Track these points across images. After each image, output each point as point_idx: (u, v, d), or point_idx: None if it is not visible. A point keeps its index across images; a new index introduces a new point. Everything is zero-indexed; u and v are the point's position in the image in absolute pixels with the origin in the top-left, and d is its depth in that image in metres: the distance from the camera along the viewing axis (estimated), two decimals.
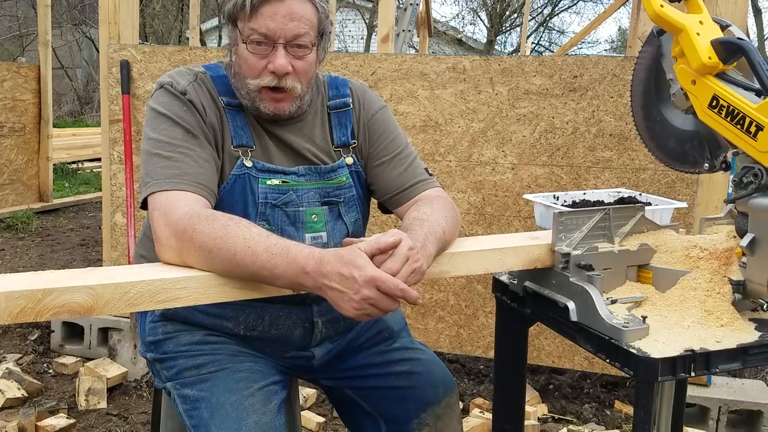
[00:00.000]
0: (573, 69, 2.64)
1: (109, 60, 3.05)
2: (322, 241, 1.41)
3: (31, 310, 0.97)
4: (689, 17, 1.24)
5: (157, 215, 1.22)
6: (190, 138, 1.31)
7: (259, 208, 1.35)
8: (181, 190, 1.24)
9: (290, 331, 1.43)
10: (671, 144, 1.38)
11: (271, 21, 1.29)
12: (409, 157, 1.53)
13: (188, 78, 1.38)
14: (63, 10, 14.20)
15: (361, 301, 1.06)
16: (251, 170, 1.36)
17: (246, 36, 1.32)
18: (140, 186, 1.31)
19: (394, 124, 1.56)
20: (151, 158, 1.29)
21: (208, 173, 1.30)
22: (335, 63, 2.85)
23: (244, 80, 1.35)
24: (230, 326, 1.41)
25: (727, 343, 1.11)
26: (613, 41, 22.01)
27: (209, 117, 1.36)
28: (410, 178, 1.49)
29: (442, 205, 1.41)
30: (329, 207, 1.43)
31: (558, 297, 1.26)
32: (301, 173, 1.41)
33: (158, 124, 1.32)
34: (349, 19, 16.17)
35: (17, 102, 5.70)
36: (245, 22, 1.31)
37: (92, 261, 4.66)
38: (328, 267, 1.07)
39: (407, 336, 1.59)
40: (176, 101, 1.34)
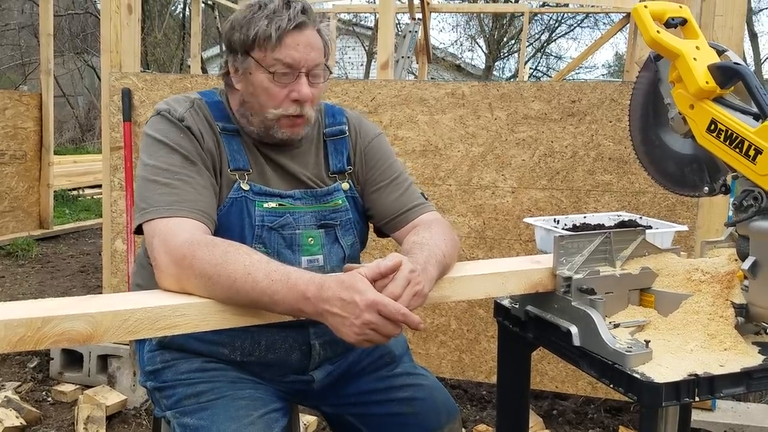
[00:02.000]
0: (571, 94, 2.66)
1: (111, 88, 3.07)
2: (319, 264, 1.41)
3: (31, 338, 0.96)
4: (686, 43, 1.25)
5: (156, 242, 1.21)
6: (189, 165, 1.31)
7: (256, 231, 1.35)
8: (181, 217, 1.24)
9: (287, 354, 1.42)
10: (670, 168, 1.38)
11: (295, 51, 1.32)
12: (405, 182, 1.55)
13: (185, 105, 1.38)
14: (65, 39, 14.36)
15: (362, 325, 1.05)
16: (248, 193, 1.37)
17: (269, 66, 1.33)
18: (135, 211, 1.30)
19: (390, 151, 1.58)
20: (149, 184, 1.29)
21: (207, 200, 1.31)
22: (335, 90, 2.87)
23: (263, 109, 1.36)
24: (226, 353, 1.40)
25: (731, 367, 1.10)
26: (610, 66, 22.20)
27: (207, 143, 1.36)
28: (407, 203, 1.51)
29: (440, 228, 1.41)
30: (326, 230, 1.43)
31: (560, 321, 1.25)
32: (297, 197, 1.42)
33: (155, 151, 1.32)
34: (348, 46, 16.32)
35: (19, 130, 5.73)
36: (267, 52, 1.33)
37: (92, 288, 4.64)
38: (329, 292, 1.07)
39: (409, 361, 1.58)
40: (174, 128, 1.34)
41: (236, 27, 1.35)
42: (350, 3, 10.33)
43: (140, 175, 1.32)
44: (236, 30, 1.35)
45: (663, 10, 1.29)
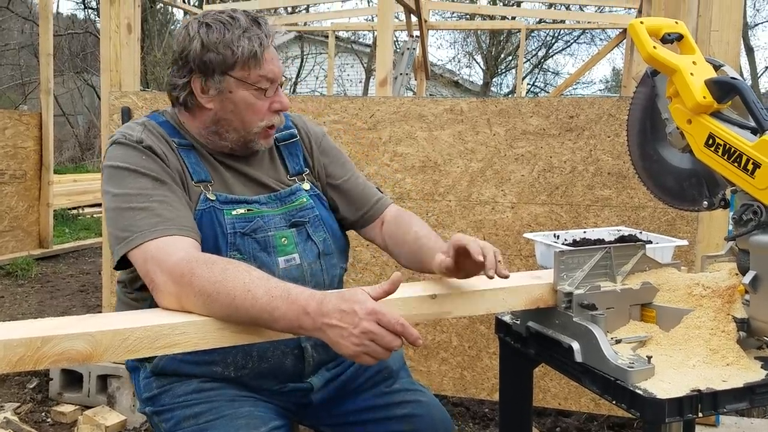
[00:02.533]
0: (569, 109, 2.67)
1: (111, 107, 3.09)
2: (296, 262, 1.42)
3: (30, 358, 0.96)
4: (682, 58, 1.26)
5: (151, 265, 1.20)
6: (159, 185, 1.30)
7: (229, 239, 1.36)
8: (170, 236, 1.23)
9: (281, 361, 1.41)
10: (669, 182, 1.39)
11: (273, 65, 1.38)
12: (360, 179, 1.63)
13: (138, 128, 1.38)
14: (65, 59, 14.45)
15: (360, 334, 1.04)
16: (215, 203, 1.38)
17: (254, 83, 1.37)
18: (114, 244, 1.26)
19: (339, 149, 1.66)
20: (125, 213, 1.26)
21: (187, 215, 1.30)
22: (335, 107, 2.88)
23: (248, 125, 1.40)
24: (220, 370, 1.39)
25: (733, 382, 1.10)
26: (607, 81, 22.33)
27: (170, 159, 1.36)
28: (370, 198, 1.60)
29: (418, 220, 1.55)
30: (297, 229, 1.46)
31: (562, 337, 1.25)
32: (263, 201, 1.44)
33: (122, 179, 1.30)
34: (347, 63, 16.42)
35: (18, 149, 5.75)
36: (252, 70, 1.36)
37: (92, 307, 4.63)
38: (329, 306, 1.07)
39: (407, 376, 1.58)
40: (134, 152, 1.33)
41: (211, 48, 1.34)
42: (348, 21, 10.40)
43: (111, 207, 1.29)
44: (211, 51, 1.34)
45: (659, 26, 1.30)
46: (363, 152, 2.86)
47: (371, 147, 2.86)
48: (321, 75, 16.12)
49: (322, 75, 16.05)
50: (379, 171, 2.85)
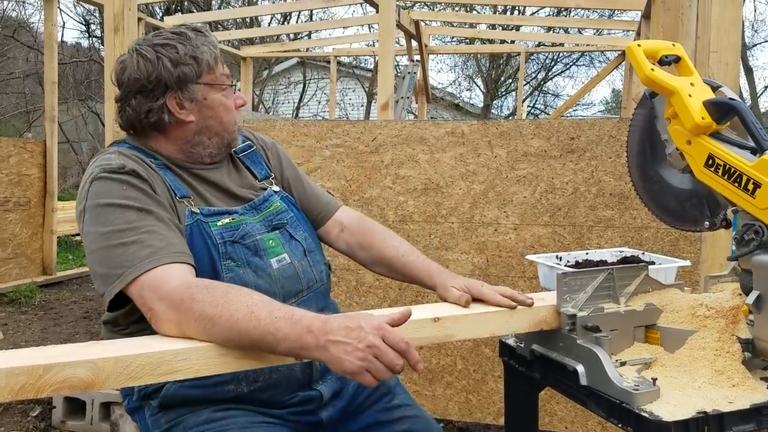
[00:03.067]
0: (570, 131, 2.68)
1: (115, 134, 3.11)
2: (287, 261, 1.45)
3: (32, 386, 0.95)
4: (680, 80, 1.26)
5: (147, 293, 1.19)
6: (145, 215, 1.28)
7: (220, 249, 1.36)
8: (164, 265, 1.21)
9: (290, 368, 1.41)
10: (670, 203, 1.39)
11: (223, 65, 1.48)
12: (311, 184, 1.71)
13: (114, 156, 1.36)
14: (69, 86, 14.59)
15: (366, 348, 1.04)
16: (200, 216, 1.39)
17: (221, 82, 1.45)
18: (106, 284, 1.23)
19: (289, 156, 1.73)
20: (115, 250, 1.23)
21: (179, 240, 1.29)
22: (337, 131, 2.90)
23: (226, 125, 1.48)
24: (232, 388, 1.37)
25: (739, 403, 1.09)
26: (607, 102, 22.45)
27: (153, 179, 1.36)
28: (321, 199, 1.68)
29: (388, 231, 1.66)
30: (279, 231, 1.50)
31: (567, 360, 1.24)
32: (241, 212, 1.46)
33: (106, 217, 1.27)
34: (349, 87, 16.55)
35: (23, 177, 5.78)
36: (216, 72, 1.45)
37: (95, 334, 4.62)
38: (335, 323, 1.07)
39: (402, 392, 1.59)
40: (115, 183, 1.30)
41: (181, 61, 1.40)
42: (350, 46, 10.52)
43: (98, 247, 1.26)
44: (182, 64, 1.40)
45: (656, 48, 1.31)
46: (365, 175, 2.87)
47: (373, 170, 2.87)
48: (323, 99, 16.24)
49: (324, 99, 16.17)
50: (382, 194, 2.86)
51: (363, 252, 1.64)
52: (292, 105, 17.10)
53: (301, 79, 16.66)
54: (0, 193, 5.56)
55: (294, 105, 17.00)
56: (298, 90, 16.87)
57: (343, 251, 1.67)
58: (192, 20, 10.79)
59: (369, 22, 8.99)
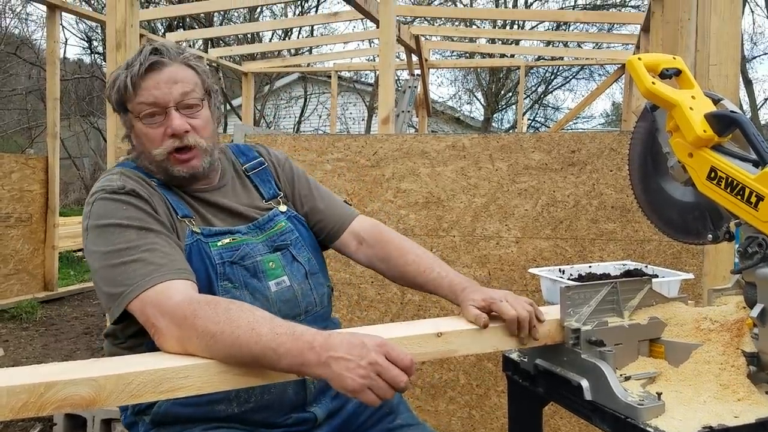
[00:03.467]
0: (571, 144, 2.68)
1: (117, 150, 3.12)
2: (286, 284, 1.43)
3: (33, 404, 0.95)
4: (681, 93, 1.27)
5: (150, 310, 1.19)
6: (146, 233, 1.29)
7: (218, 269, 1.36)
8: (166, 281, 1.22)
9: (283, 390, 1.39)
10: (673, 216, 1.38)
11: (155, 89, 1.37)
12: (325, 192, 1.68)
13: (115, 176, 1.38)
14: (71, 102, 14.65)
15: (368, 366, 1.03)
16: (200, 236, 1.38)
17: (138, 112, 1.38)
18: (109, 302, 1.25)
19: (300, 169, 1.70)
20: (117, 269, 1.24)
21: (179, 257, 1.30)
22: (338, 145, 2.90)
23: (150, 154, 1.40)
24: (223, 408, 1.36)
25: (745, 417, 1.08)
26: (608, 115, 22.49)
27: (153, 199, 1.36)
28: (336, 209, 1.64)
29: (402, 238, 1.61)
30: (281, 252, 1.47)
31: (571, 375, 1.23)
32: (243, 231, 1.45)
33: (107, 237, 1.28)
34: (350, 102, 16.60)
35: (24, 193, 5.79)
36: (133, 100, 1.38)
37: (96, 350, 4.60)
38: (337, 340, 1.07)
39: (406, 411, 1.56)
40: (115, 204, 1.32)
41: (109, 89, 1.41)
42: (350, 61, 10.56)
43: (101, 266, 1.27)
44: (110, 92, 1.40)
45: (657, 61, 1.31)
46: (366, 189, 2.88)
47: (375, 184, 2.87)
48: (324, 114, 16.30)
49: (325, 114, 16.22)
50: (383, 207, 2.86)
51: (382, 264, 1.59)
52: (293, 119, 17.15)
53: (302, 93, 16.72)
54: (2, 209, 5.57)
55: (295, 119, 17.06)
56: (299, 104, 16.93)
57: (364, 264, 1.63)
58: (193, 36, 10.85)
59: (369, 37, 9.04)
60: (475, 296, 1.34)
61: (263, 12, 15.75)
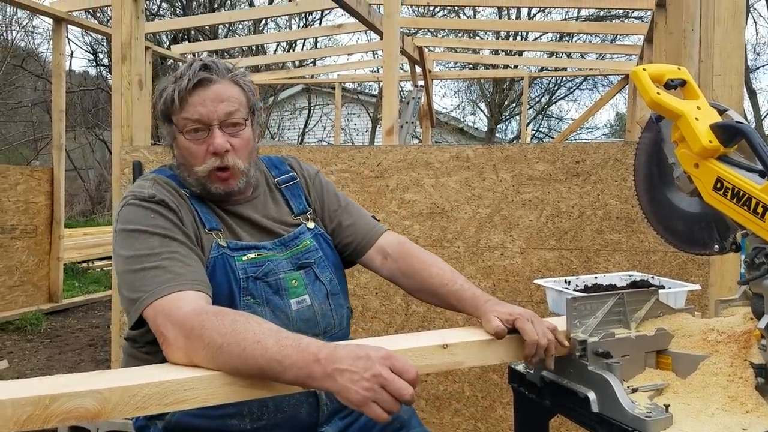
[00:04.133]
0: (575, 154, 2.68)
1: (122, 161, 3.13)
2: (306, 303, 1.43)
3: (38, 417, 0.95)
4: (687, 103, 1.26)
5: (161, 319, 1.20)
6: (169, 242, 1.31)
7: (241, 284, 1.37)
8: (179, 291, 1.23)
9: (296, 410, 1.39)
10: (679, 227, 1.38)
11: (201, 107, 1.38)
12: (354, 208, 1.64)
13: (148, 184, 1.41)
14: (77, 114, 14.73)
15: (371, 378, 1.02)
16: (226, 250, 1.39)
17: (182, 127, 1.40)
18: (128, 306, 1.28)
19: (331, 184, 1.68)
20: (136, 275, 1.27)
21: (198, 269, 1.31)
22: (342, 156, 2.91)
23: (192, 169, 1.41)
24: (236, 423, 1.36)
25: (754, 430, 1.07)
26: (611, 126, 22.48)
27: (183, 210, 1.38)
28: (364, 227, 1.60)
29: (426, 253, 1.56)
30: (305, 270, 1.47)
31: (577, 387, 1.23)
32: (269, 247, 1.45)
33: (132, 242, 1.31)
34: (354, 113, 16.65)
35: (30, 204, 5.81)
36: (178, 115, 1.39)
37: (101, 362, 4.59)
38: (343, 352, 1.06)
39: (418, 425, 1.54)
40: (143, 211, 1.34)
41: (156, 99, 1.42)
42: (354, 72, 10.60)
43: (123, 270, 1.30)
44: (157, 102, 1.42)
45: (662, 72, 1.31)
46: (371, 200, 2.88)
47: (379, 195, 2.87)
48: (328, 125, 16.35)
49: (329, 125, 16.27)
50: (387, 218, 2.86)
51: (405, 279, 1.56)
52: (297, 131, 17.21)
53: (306, 105, 16.78)
54: (7, 220, 5.59)
55: (299, 131, 17.11)
56: (303, 116, 17.00)
57: (389, 279, 1.61)
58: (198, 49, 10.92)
59: (373, 49, 9.08)
60: (500, 309, 1.32)
61: (268, 24, 15.86)
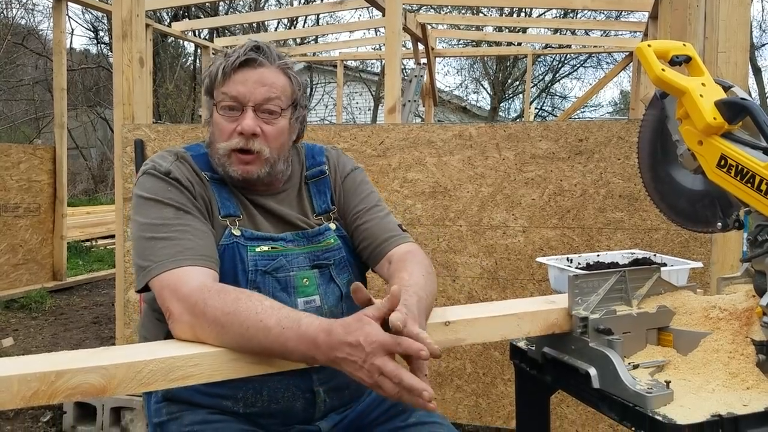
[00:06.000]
0: (578, 133, 2.67)
1: (123, 140, 3.12)
2: (315, 304, 1.40)
3: (44, 392, 0.96)
4: (691, 80, 1.26)
5: (167, 293, 1.21)
6: (182, 214, 1.32)
7: (249, 276, 1.36)
8: (187, 266, 1.24)
9: (291, 403, 1.39)
10: (682, 204, 1.38)
11: (241, 85, 1.36)
12: (380, 212, 1.54)
13: (169, 159, 1.40)
14: (78, 93, 14.68)
15: (371, 367, 1.02)
16: (239, 239, 1.38)
17: (218, 101, 1.39)
18: (137, 272, 1.29)
19: (366, 183, 1.58)
20: (147, 242, 1.28)
21: (208, 244, 1.31)
22: (344, 135, 2.90)
23: (216, 146, 1.40)
24: (229, 405, 1.38)
25: (754, 406, 1.07)
26: (616, 104, 22.36)
27: (197, 190, 1.38)
28: (383, 233, 1.49)
29: (415, 262, 1.37)
30: (320, 270, 1.44)
31: (579, 363, 1.23)
32: (289, 239, 1.43)
33: (147, 209, 1.33)
34: (356, 92, 16.57)
35: (33, 183, 5.81)
36: (219, 89, 1.39)
37: (105, 339, 4.63)
38: (337, 338, 1.05)
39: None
40: (161, 183, 1.35)
41: (205, 72, 1.43)
42: (356, 50, 10.52)
43: (136, 236, 1.32)
44: (205, 74, 1.42)
45: (666, 48, 1.30)
46: (373, 179, 2.87)
47: (381, 174, 2.87)
48: (330, 103, 16.28)
49: (331, 103, 16.20)
50: (390, 197, 2.86)
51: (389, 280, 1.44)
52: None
53: (308, 83, 16.66)
54: (10, 199, 5.60)
55: None
56: None
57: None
58: (199, 26, 10.83)
59: (375, 26, 9.00)
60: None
61: (269, 1, 15.72)
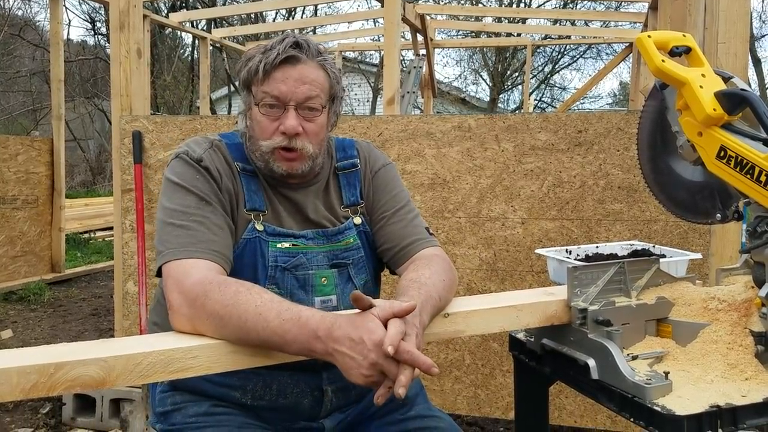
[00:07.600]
0: (577, 124, 2.67)
1: (121, 131, 3.11)
2: (332, 304, 1.39)
3: (44, 384, 0.96)
4: (691, 71, 1.25)
5: (170, 283, 1.22)
6: (204, 205, 1.32)
7: (269, 272, 1.35)
8: (195, 258, 1.24)
9: (299, 399, 1.40)
10: (681, 195, 1.37)
11: (282, 84, 1.35)
12: (409, 214, 1.51)
13: (204, 146, 1.41)
14: (76, 84, 14.63)
15: (370, 366, 1.03)
16: (262, 234, 1.37)
17: (259, 99, 1.37)
18: (156, 253, 1.31)
19: (397, 181, 1.56)
20: (166, 227, 1.30)
21: (223, 240, 1.31)
22: (343, 126, 2.89)
23: (257, 142, 1.39)
24: (237, 396, 1.38)
25: (753, 397, 1.08)
26: (615, 95, 22.30)
27: (225, 182, 1.38)
28: (409, 236, 1.47)
29: (440, 267, 1.36)
30: (338, 270, 1.43)
31: (577, 355, 1.23)
32: (309, 237, 1.42)
33: (172, 194, 1.34)
34: (354, 83, 16.51)
35: (30, 175, 5.80)
36: (258, 86, 1.37)
37: (104, 331, 4.64)
38: (340, 331, 1.05)
39: (423, 402, 1.53)
40: (190, 169, 1.36)
41: (241, 65, 1.41)
42: (355, 41, 10.48)
43: (159, 218, 1.35)
44: (242, 68, 1.41)
45: (667, 39, 1.29)
46: None
47: None
48: None
49: None
50: None
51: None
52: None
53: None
54: (8, 191, 5.59)
55: None
56: None
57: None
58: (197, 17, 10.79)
59: (374, 17, 8.96)
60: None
61: None
